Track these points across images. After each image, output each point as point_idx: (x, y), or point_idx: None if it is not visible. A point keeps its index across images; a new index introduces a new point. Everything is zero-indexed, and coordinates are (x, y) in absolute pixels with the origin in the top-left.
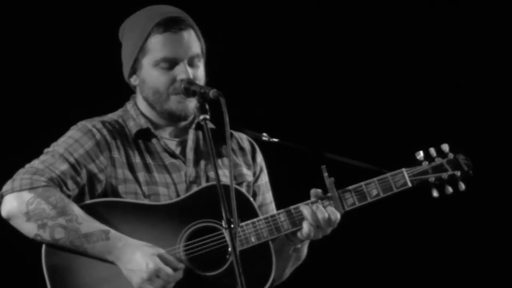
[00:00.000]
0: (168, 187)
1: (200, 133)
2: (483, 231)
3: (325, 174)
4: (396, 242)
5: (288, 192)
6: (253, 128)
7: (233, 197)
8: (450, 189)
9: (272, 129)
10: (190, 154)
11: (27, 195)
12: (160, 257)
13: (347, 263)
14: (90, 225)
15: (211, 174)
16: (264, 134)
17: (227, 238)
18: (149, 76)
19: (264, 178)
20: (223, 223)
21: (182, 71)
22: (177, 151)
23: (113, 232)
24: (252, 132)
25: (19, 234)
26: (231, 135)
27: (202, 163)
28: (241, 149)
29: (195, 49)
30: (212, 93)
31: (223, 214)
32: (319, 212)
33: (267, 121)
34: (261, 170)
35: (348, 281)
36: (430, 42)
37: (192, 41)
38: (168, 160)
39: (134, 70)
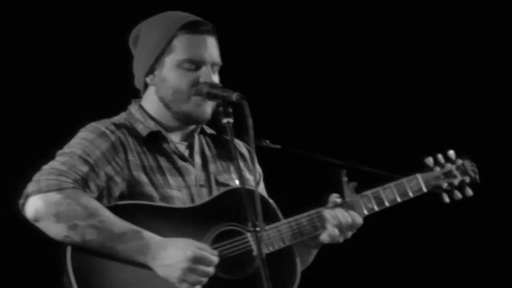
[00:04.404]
0: (181, 190)
1: (203, 138)
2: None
3: (345, 179)
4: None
5: (289, 199)
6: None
7: (257, 200)
8: (459, 195)
9: (277, 135)
10: (197, 157)
11: (55, 196)
12: (195, 245)
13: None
14: (123, 225)
15: (220, 178)
16: (266, 140)
17: (252, 242)
18: (171, 75)
19: (262, 184)
20: (249, 227)
21: (207, 74)
22: (186, 154)
23: (145, 231)
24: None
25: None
26: (229, 141)
27: (210, 167)
28: (241, 154)
29: (217, 57)
30: (235, 96)
31: (249, 218)
32: (341, 216)
33: (271, 126)
34: (260, 176)
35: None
36: (437, 48)
37: (216, 48)
38: (179, 163)
39: (152, 70)
